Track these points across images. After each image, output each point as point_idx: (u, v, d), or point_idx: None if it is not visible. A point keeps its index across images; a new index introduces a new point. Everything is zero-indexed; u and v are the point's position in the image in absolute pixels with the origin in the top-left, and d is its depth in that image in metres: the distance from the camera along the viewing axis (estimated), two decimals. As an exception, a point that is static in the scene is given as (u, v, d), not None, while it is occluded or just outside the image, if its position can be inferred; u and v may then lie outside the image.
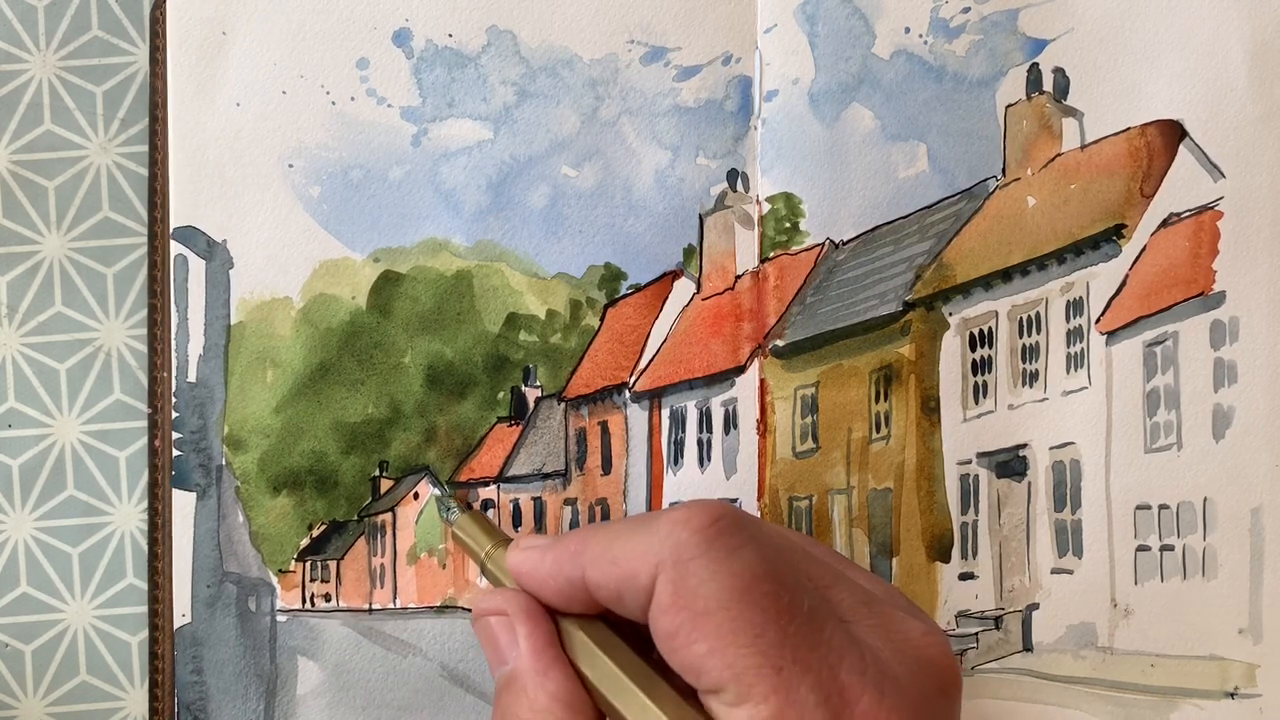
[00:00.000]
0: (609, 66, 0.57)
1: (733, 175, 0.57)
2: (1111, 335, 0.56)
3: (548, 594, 0.44)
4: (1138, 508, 0.55)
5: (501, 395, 0.57)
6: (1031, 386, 0.56)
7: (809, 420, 0.56)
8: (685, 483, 0.57)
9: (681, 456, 0.57)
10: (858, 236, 0.56)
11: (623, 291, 0.57)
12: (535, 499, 0.57)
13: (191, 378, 0.56)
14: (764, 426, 0.57)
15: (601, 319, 0.57)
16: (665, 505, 0.57)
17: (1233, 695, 0.55)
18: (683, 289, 0.57)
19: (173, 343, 0.56)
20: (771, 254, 0.56)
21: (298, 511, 0.56)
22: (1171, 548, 0.55)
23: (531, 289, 0.57)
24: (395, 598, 0.57)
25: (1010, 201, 0.56)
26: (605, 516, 0.57)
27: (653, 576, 0.40)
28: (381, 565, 0.57)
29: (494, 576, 0.47)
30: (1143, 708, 0.55)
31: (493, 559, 0.47)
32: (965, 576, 0.56)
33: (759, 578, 0.40)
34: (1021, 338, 0.56)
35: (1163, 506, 0.55)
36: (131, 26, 0.58)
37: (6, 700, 0.57)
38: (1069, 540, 0.56)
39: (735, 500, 0.56)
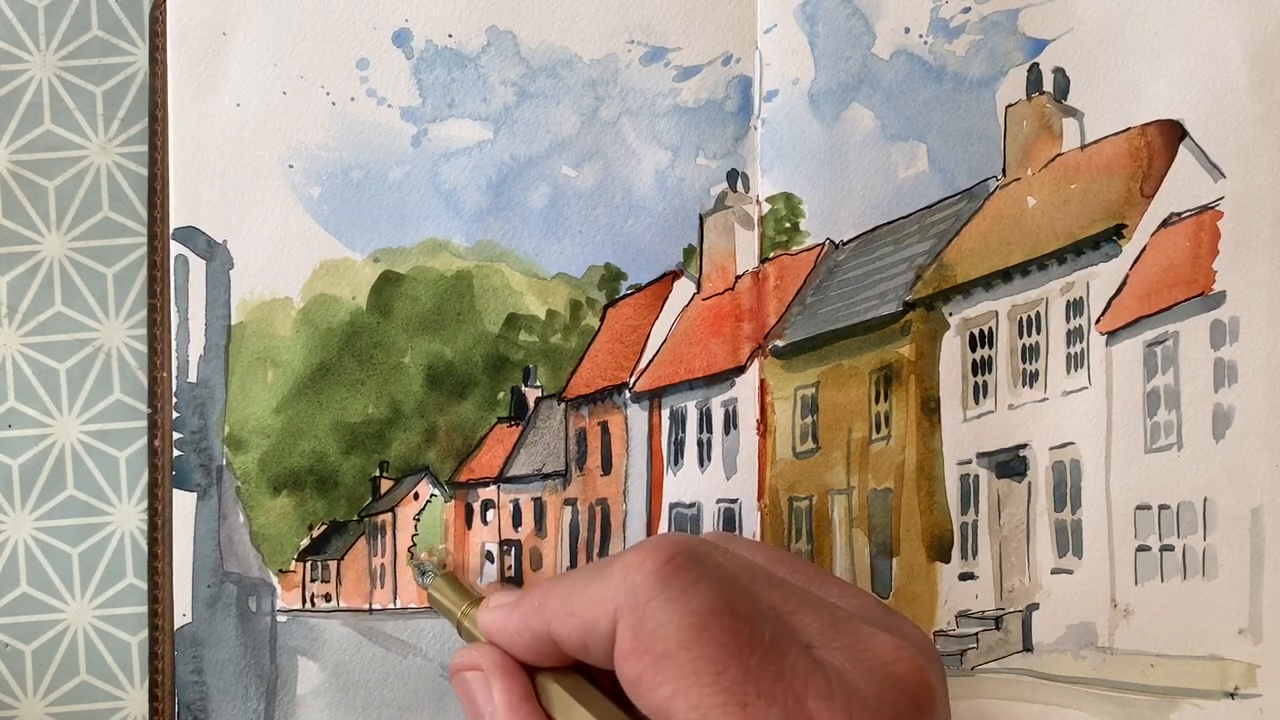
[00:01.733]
0: (609, 67, 0.57)
1: (733, 175, 0.57)
2: (1112, 335, 0.56)
3: (519, 650, 0.44)
4: (1138, 508, 0.55)
5: (501, 395, 0.57)
6: (1031, 386, 0.56)
7: (809, 420, 0.56)
8: (685, 483, 0.57)
9: (681, 457, 0.57)
10: (858, 236, 0.56)
11: (623, 291, 0.57)
12: (535, 499, 0.57)
13: (192, 378, 0.56)
14: (764, 427, 0.57)
15: (601, 319, 0.57)
16: (665, 506, 0.57)
17: (1233, 695, 0.55)
18: (683, 289, 0.57)
19: (173, 343, 0.56)
20: (771, 254, 0.56)
21: (298, 512, 0.56)
22: (1171, 548, 0.55)
23: (531, 289, 0.57)
24: (395, 598, 0.57)
25: (1010, 201, 0.56)
26: (605, 516, 0.57)
27: (612, 623, 0.40)
28: (382, 565, 0.57)
29: (470, 635, 0.48)
30: (1143, 708, 0.55)
31: (468, 617, 0.48)
32: (965, 576, 0.56)
33: (716, 613, 0.39)
34: (1021, 338, 0.56)
35: (1163, 506, 0.55)
36: (131, 26, 0.58)
37: (6, 700, 0.57)
38: (1069, 540, 0.56)
39: (735, 501, 0.56)
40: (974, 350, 0.56)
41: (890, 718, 0.40)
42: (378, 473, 0.57)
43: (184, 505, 0.56)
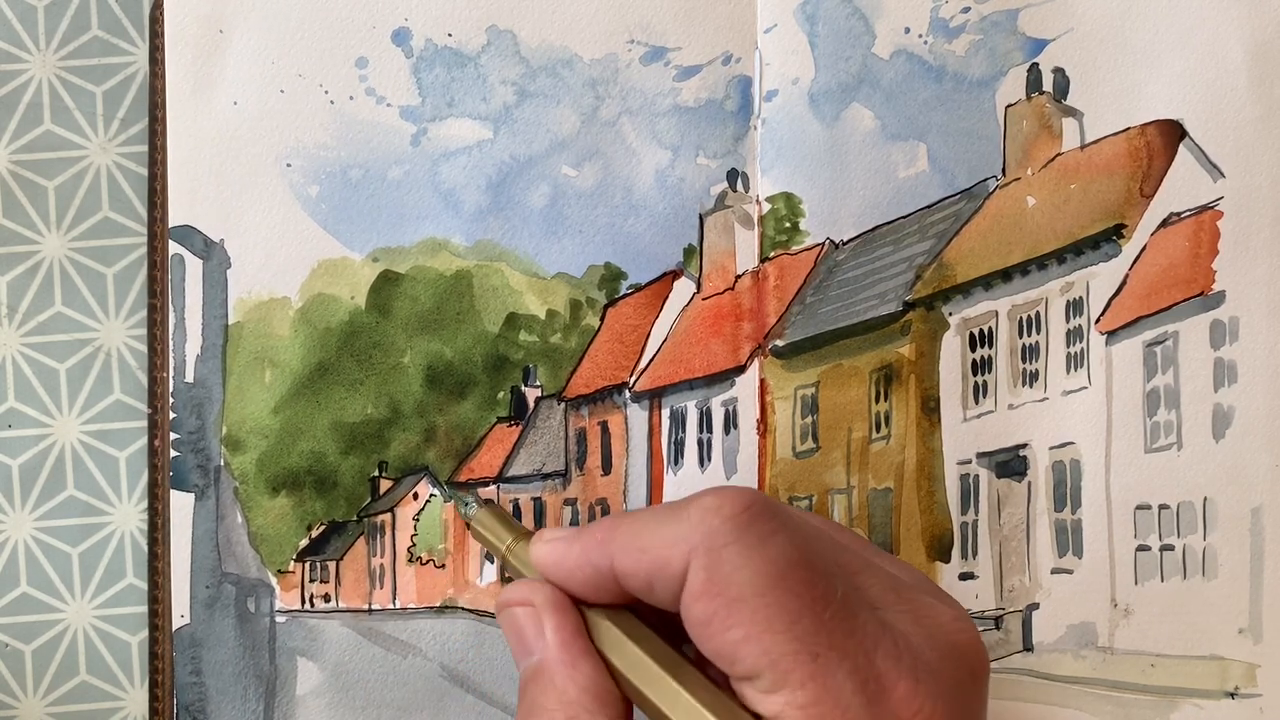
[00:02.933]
0: (609, 66, 0.57)
1: (733, 175, 0.56)
2: (1111, 335, 0.56)
3: (575, 585, 0.43)
4: (1138, 507, 0.55)
5: (501, 395, 0.57)
6: (1031, 386, 0.56)
7: (809, 420, 0.56)
8: (685, 483, 0.57)
9: (681, 456, 0.57)
10: (858, 236, 0.56)
11: (623, 291, 0.57)
12: (535, 499, 0.57)
13: (189, 378, 0.56)
14: (764, 426, 0.57)
15: (601, 319, 0.57)
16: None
17: (1233, 695, 0.55)
18: (683, 289, 0.57)
19: (170, 342, 0.56)
20: (771, 254, 0.56)
21: (297, 512, 0.56)
22: (1172, 547, 0.55)
23: (531, 289, 0.57)
24: (395, 598, 0.57)
25: (1010, 201, 0.56)
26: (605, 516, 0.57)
27: (685, 563, 0.40)
28: (381, 565, 0.57)
29: (516, 570, 0.46)
30: (1143, 708, 0.55)
31: (514, 553, 0.46)
32: (965, 576, 0.56)
33: (793, 564, 0.39)
34: (1021, 338, 0.56)
35: (1163, 506, 0.55)
36: (131, 26, 0.58)
37: (6, 700, 0.57)
38: (1069, 540, 0.56)
39: (735, 500, 0.56)
40: (974, 350, 0.56)
41: (951, 684, 0.40)
42: (377, 473, 0.57)
43: (182, 506, 0.56)
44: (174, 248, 0.56)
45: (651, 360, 0.57)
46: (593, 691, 0.42)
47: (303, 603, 0.56)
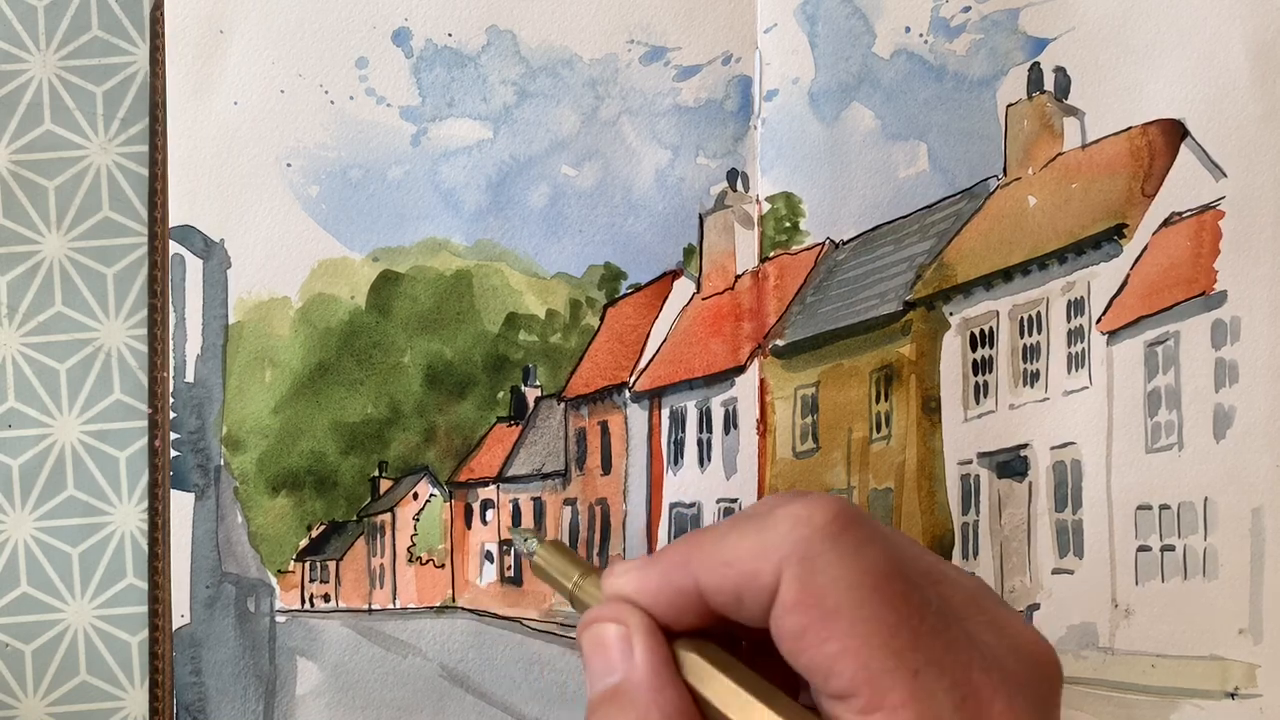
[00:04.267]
0: (609, 66, 0.57)
1: (733, 175, 0.56)
2: (1112, 335, 0.55)
3: (659, 609, 0.42)
4: (1138, 508, 0.55)
5: (501, 395, 0.57)
6: (1032, 386, 0.56)
7: (809, 420, 0.56)
8: (685, 482, 0.57)
9: (681, 456, 0.57)
10: (858, 236, 0.56)
11: (623, 291, 0.57)
12: (535, 499, 0.57)
13: (189, 378, 0.56)
14: (764, 426, 0.57)
15: (601, 319, 0.57)
16: (665, 506, 0.57)
17: (1233, 695, 0.54)
18: (683, 289, 0.57)
19: (170, 342, 0.56)
20: (771, 253, 0.56)
21: (297, 512, 0.56)
22: (1172, 548, 0.55)
23: (531, 289, 0.57)
24: (395, 598, 0.57)
25: (1011, 201, 0.56)
26: (605, 516, 0.57)
27: (776, 575, 0.39)
28: (381, 566, 0.57)
29: (584, 606, 0.45)
30: (1143, 708, 0.55)
31: (582, 588, 0.45)
32: (966, 577, 0.56)
33: (889, 575, 0.38)
34: (1022, 337, 0.56)
35: (1163, 506, 0.55)
36: (131, 26, 0.58)
37: (6, 700, 0.57)
38: (1070, 540, 0.56)
39: (735, 500, 0.56)
40: (974, 350, 0.56)
41: (1034, 698, 0.39)
42: (377, 473, 0.57)
43: (182, 506, 0.56)
44: (174, 247, 0.56)
45: (651, 360, 0.57)
46: (676, 718, 0.41)
47: (303, 603, 0.56)
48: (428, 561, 0.57)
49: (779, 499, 0.41)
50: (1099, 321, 0.56)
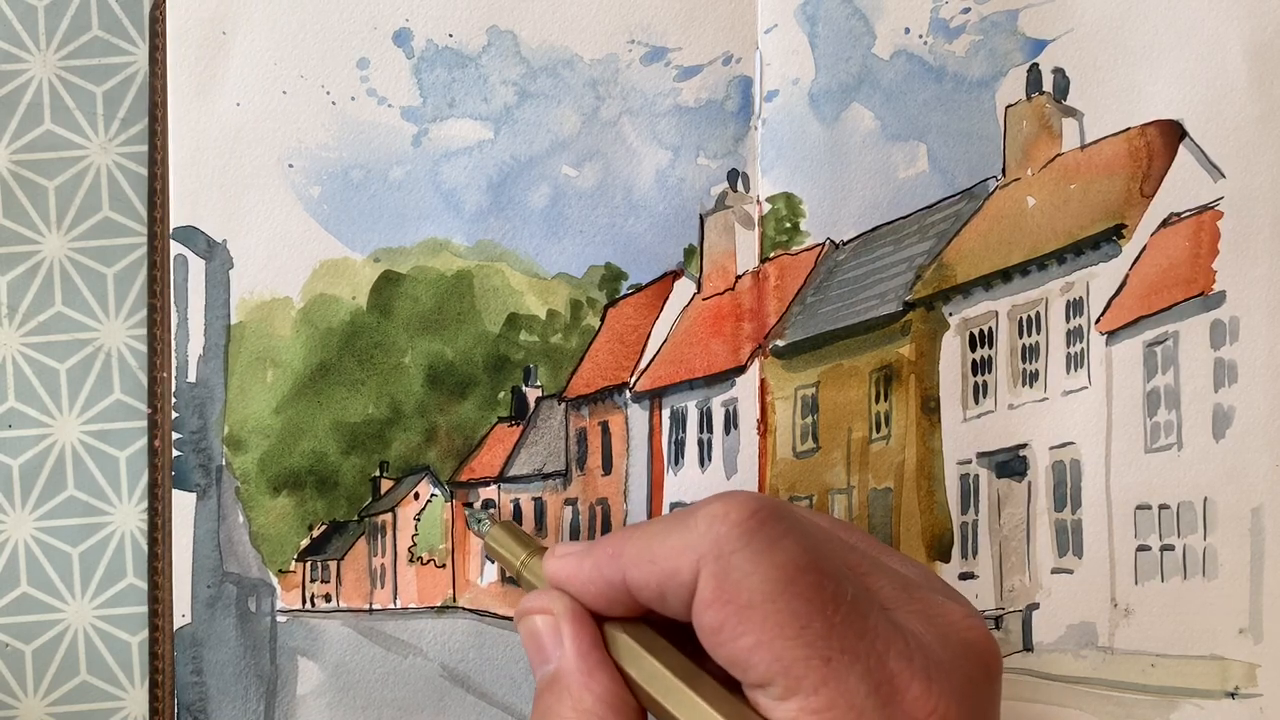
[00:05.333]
0: (609, 66, 0.57)
1: (733, 175, 0.57)
2: (1112, 335, 0.56)
3: (589, 598, 0.44)
4: (1138, 507, 0.55)
5: (502, 395, 0.57)
6: (1031, 386, 0.56)
7: (809, 420, 0.56)
8: (686, 483, 0.57)
9: (682, 456, 0.57)
10: (858, 236, 0.56)
11: (623, 291, 0.57)
12: (535, 499, 0.57)
13: (191, 378, 0.56)
14: (764, 426, 0.57)
15: (602, 319, 0.57)
16: (666, 506, 0.57)
17: (1233, 695, 0.55)
18: (683, 289, 0.57)
19: (172, 343, 0.56)
20: (772, 254, 0.56)
21: (298, 512, 0.56)
22: (1172, 547, 0.55)
23: (532, 289, 0.57)
24: (395, 598, 0.57)
25: (1010, 201, 0.56)
26: (606, 517, 0.57)
27: (694, 572, 0.40)
28: (382, 565, 0.57)
29: (530, 586, 0.47)
30: (1143, 708, 0.55)
31: (529, 567, 0.47)
32: (965, 576, 0.56)
33: (802, 568, 0.39)
34: (1021, 338, 0.56)
35: (1163, 506, 0.55)
36: (131, 26, 0.58)
37: (6, 700, 0.57)
38: (1069, 540, 0.56)
39: (735, 500, 0.56)
40: (974, 350, 0.56)
41: (964, 682, 0.40)
42: (378, 473, 0.57)
43: (183, 505, 0.56)
44: (177, 248, 0.56)
45: (652, 360, 0.57)
46: (608, 701, 0.42)
47: (304, 602, 0.56)
48: (429, 561, 0.57)
49: (707, 499, 0.42)
50: (1098, 322, 0.56)
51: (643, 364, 0.57)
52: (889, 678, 0.38)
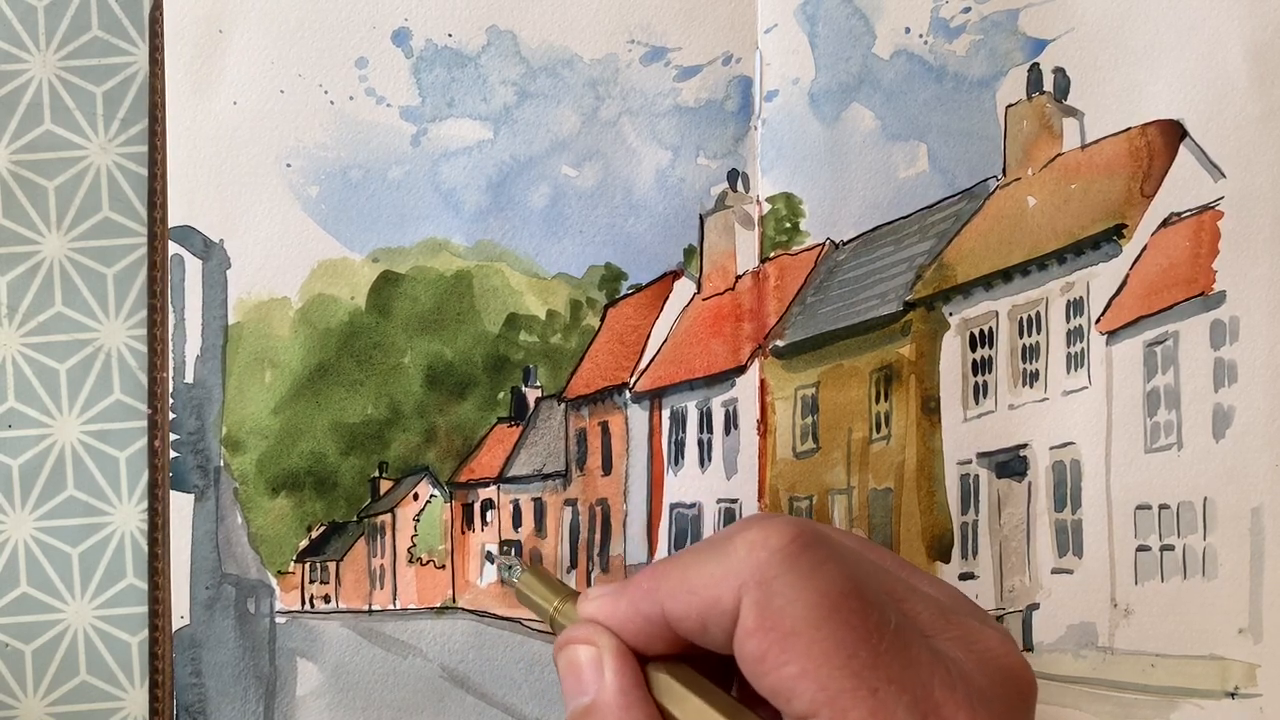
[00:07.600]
0: (609, 66, 0.57)
1: (733, 175, 0.56)
2: (1112, 335, 0.56)
3: (627, 637, 0.43)
4: (1138, 507, 0.55)
5: (501, 395, 0.57)
6: (1032, 386, 0.56)
7: (809, 420, 0.56)
8: (686, 483, 0.57)
9: (682, 457, 0.57)
10: (858, 236, 0.56)
11: (623, 291, 0.57)
12: (535, 499, 0.57)
13: (189, 378, 0.56)
14: (764, 427, 0.57)
15: (602, 319, 0.57)
16: (665, 506, 0.57)
17: (1233, 695, 0.55)
18: (683, 289, 0.57)
19: (170, 343, 0.56)
20: (772, 254, 0.56)
21: (296, 513, 0.56)
22: (1172, 547, 0.55)
23: (531, 289, 0.57)
24: (395, 599, 0.57)
25: (1010, 201, 0.56)
26: (605, 516, 0.57)
27: (736, 600, 0.39)
28: (381, 566, 0.57)
29: (562, 630, 0.46)
30: (1143, 707, 0.55)
31: (562, 613, 0.46)
32: (965, 576, 0.56)
33: (845, 595, 0.39)
34: (1022, 338, 0.56)
35: (1163, 506, 0.55)
36: (131, 26, 0.58)
37: (6, 700, 0.57)
38: (1069, 540, 0.56)
39: (735, 501, 0.56)
40: (974, 350, 0.56)
41: (1004, 711, 0.39)
42: (377, 473, 0.57)
43: (181, 507, 0.56)
44: (174, 248, 0.56)
45: (652, 360, 0.57)
46: None
47: (303, 603, 0.56)
48: (428, 562, 0.57)
49: (742, 524, 0.41)
50: (1098, 322, 0.56)
51: (643, 364, 0.57)
52: (935, 708, 0.38)
